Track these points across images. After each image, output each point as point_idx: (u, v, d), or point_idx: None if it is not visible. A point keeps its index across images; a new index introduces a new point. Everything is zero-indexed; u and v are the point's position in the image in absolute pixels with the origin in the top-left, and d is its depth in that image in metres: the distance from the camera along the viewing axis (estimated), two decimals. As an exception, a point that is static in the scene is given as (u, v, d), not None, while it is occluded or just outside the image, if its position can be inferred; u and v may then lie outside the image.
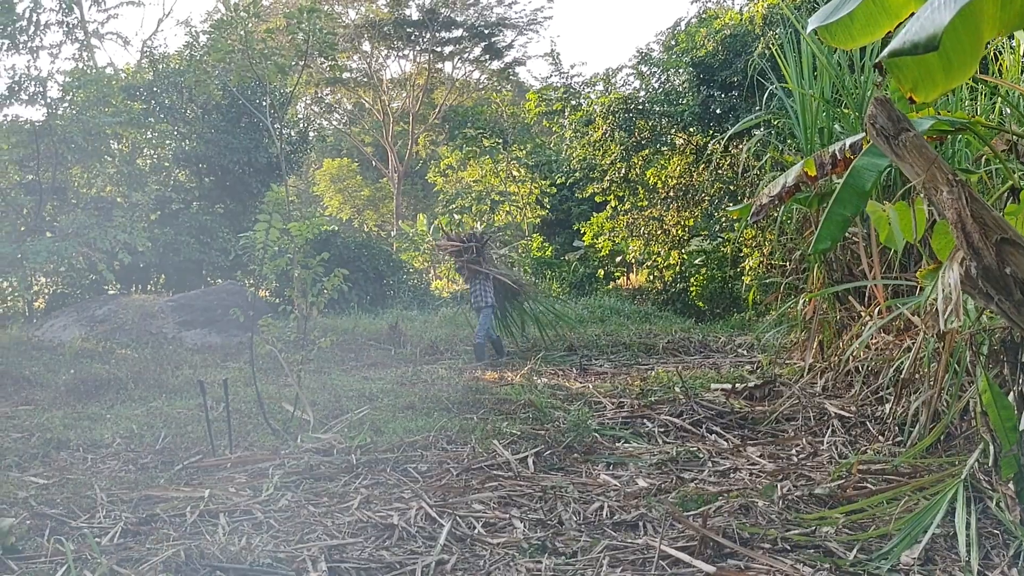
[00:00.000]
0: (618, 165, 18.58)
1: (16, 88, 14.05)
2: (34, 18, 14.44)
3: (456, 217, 26.10)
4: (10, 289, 16.95)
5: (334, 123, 36.07)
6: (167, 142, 17.98)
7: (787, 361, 9.21)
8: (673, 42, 18.80)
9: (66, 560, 4.04)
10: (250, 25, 11.51)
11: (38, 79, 14.33)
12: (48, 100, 14.43)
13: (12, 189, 15.66)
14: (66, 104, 14.92)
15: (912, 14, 3.36)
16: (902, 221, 4.61)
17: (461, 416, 7.23)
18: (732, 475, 5.48)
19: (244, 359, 11.10)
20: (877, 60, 3.47)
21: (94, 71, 16.03)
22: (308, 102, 32.94)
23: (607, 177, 18.99)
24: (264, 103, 13.66)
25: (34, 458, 6.15)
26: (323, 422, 7.09)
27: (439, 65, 34.49)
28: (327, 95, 34.52)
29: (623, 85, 19.55)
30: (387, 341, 12.47)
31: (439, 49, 33.08)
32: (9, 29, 13.80)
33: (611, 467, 5.70)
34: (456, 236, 12.08)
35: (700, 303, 18.47)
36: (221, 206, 17.74)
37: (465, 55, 33.93)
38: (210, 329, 12.63)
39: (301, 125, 19.14)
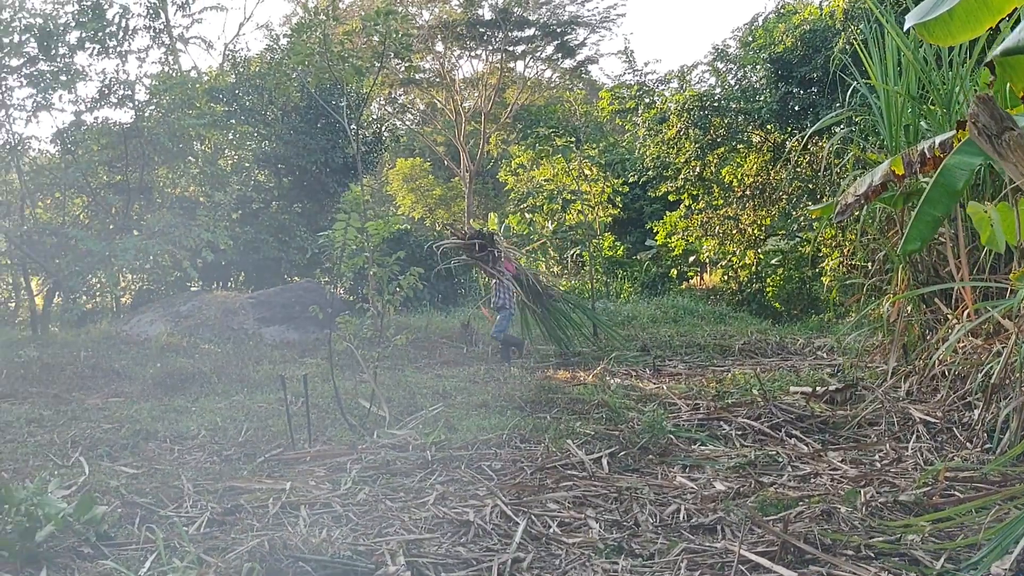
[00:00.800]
0: (692, 163, 18.35)
1: (106, 91, 14.60)
2: (123, 23, 14.97)
3: (527, 216, 26.14)
4: (99, 285, 17.65)
5: (407, 123, 36.54)
6: (247, 143, 18.44)
7: (869, 365, 8.96)
8: (750, 38, 18.48)
9: (156, 547, 4.19)
10: (328, 28, 11.74)
11: (127, 83, 14.87)
12: (136, 103, 14.94)
13: (102, 189, 16.29)
14: (152, 107, 15.43)
15: (1015, 10, 3.24)
16: (1005, 222, 4.44)
17: (534, 415, 7.24)
18: (813, 480, 5.36)
19: (321, 355, 11.33)
20: (988, 59, 3.35)
21: (179, 75, 16.54)
22: (382, 102, 33.44)
23: (681, 175, 18.77)
24: (341, 104, 13.90)
25: (124, 448, 6.39)
26: (398, 418, 7.18)
27: (511, 64, 34.56)
28: (400, 95, 34.97)
29: (698, 82, 19.31)
30: (459, 339, 12.56)
31: (511, 48, 33.15)
32: (100, 35, 14.33)
33: (687, 469, 5.64)
34: (460, 231, 11.96)
35: (776, 304, 18.10)
36: (299, 205, 18.12)
37: (537, 54, 33.91)
38: (288, 325, 12.92)
39: (376, 126, 19.43)
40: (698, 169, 18.44)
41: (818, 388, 7.72)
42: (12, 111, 15.11)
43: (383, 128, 19.47)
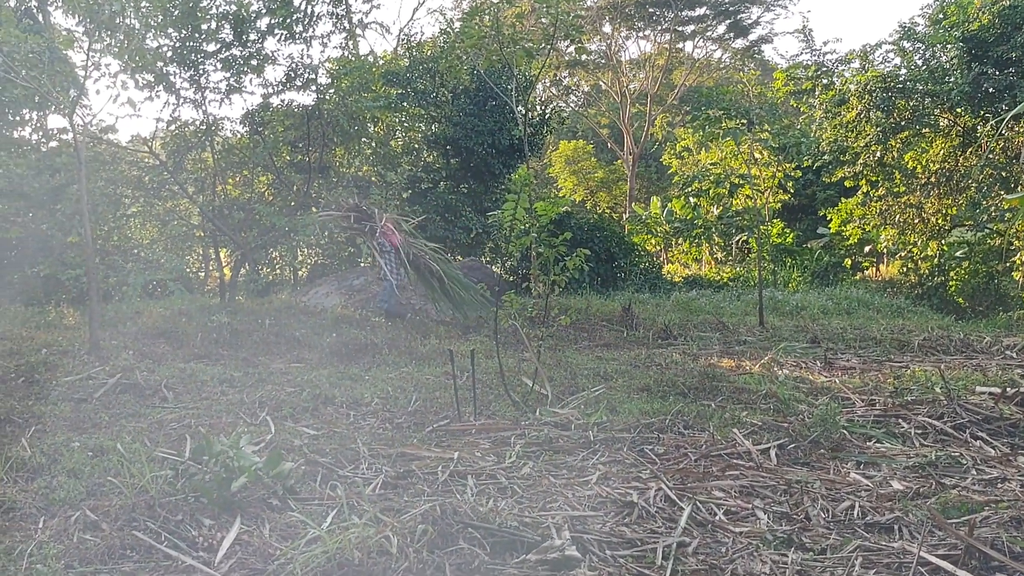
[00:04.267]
0: (873, 148, 17.36)
1: (292, 75, 15.44)
2: (309, 10, 15.78)
3: (691, 200, 25.62)
4: (279, 259, 18.81)
5: (570, 105, 36.56)
6: (417, 125, 19.05)
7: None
8: (941, 15, 17.22)
9: (337, 504, 4.45)
10: (499, 11, 11.91)
11: (310, 67, 15.68)
12: (319, 86, 15.73)
13: (285, 167, 17.30)
14: (332, 90, 16.20)
15: None
16: None
17: (698, 402, 7.13)
18: (1000, 485, 5.00)
19: (483, 332, 11.60)
20: None
21: (357, 59, 17.29)
22: (547, 84, 33.59)
23: (860, 160, 17.82)
24: (510, 87, 14.09)
25: (305, 411, 6.80)
26: (559, 397, 7.27)
27: (680, 45, 33.87)
28: (564, 77, 35.00)
29: (881, 63, 18.16)
30: (619, 323, 12.51)
31: (681, 28, 32.47)
32: (288, 21, 15.17)
33: (862, 466, 5.39)
34: (341, 204, 13.00)
35: (960, 299, 16.91)
36: (465, 186, 18.56)
37: (708, 34, 33.07)
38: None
39: (542, 108, 19.58)
40: (879, 154, 17.44)
41: (1008, 389, 7.17)
42: (207, 93, 16.33)
43: (549, 110, 19.56)
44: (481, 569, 3.68)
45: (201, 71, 15.69)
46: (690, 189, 25.07)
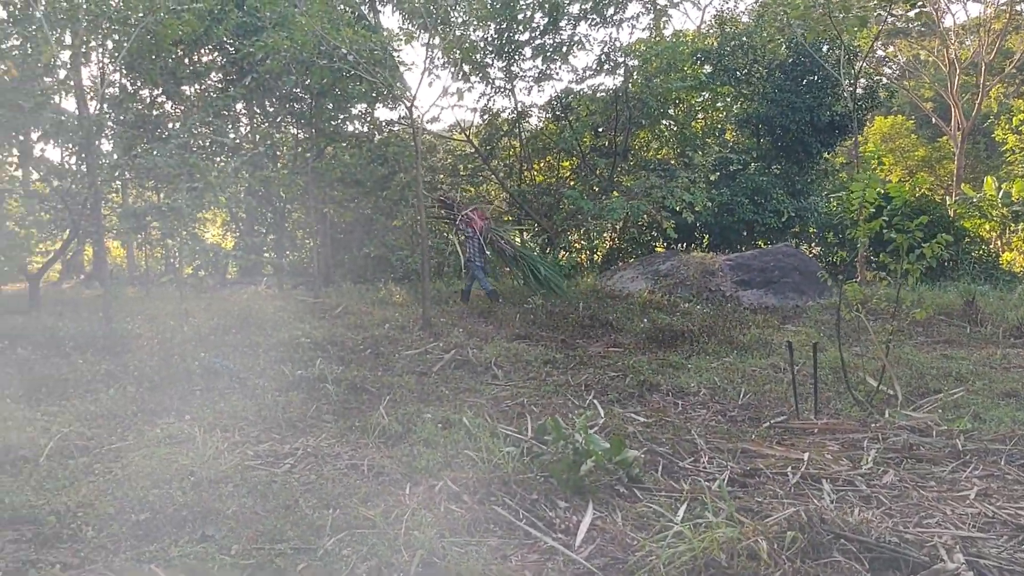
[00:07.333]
0: None
1: (603, 59, 15.54)
2: (621, -8, 15.80)
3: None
4: (577, 242, 19.11)
5: (885, 78, 33.54)
6: (726, 103, 18.39)
7: None
8: None
9: (684, 497, 4.29)
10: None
11: (619, 50, 15.70)
12: (627, 69, 15.70)
13: (589, 152, 17.54)
14: (638, 72, 16.11)
15: None
16: None
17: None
18: None
19: (802, 322, 10.93)
20: None
21: (663, 40, 17.01)
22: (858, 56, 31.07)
23: None
24: (836, 58, 13.09)
25: (631, 397, 6.74)
26: (909, 399, 6.57)
27: (1019, 7, 29.74)
28: (879, 48, 32.15)
29: None
30: (960, 317, 11.19)
31: (1024, -14, 28.51)
32: (599, 5, 15.28)
33: None
34: (435, 199, 14.53)
35: None
36: (777, 167, 17.64)
37: (1058, -10, 28.72)
38: (766, 290, 12.68)
39: (868, 80, 18.03)
40: None
41: None
42: (517, 82, 16.94)
43: (877, 83, 17.96)
44: (861, 588, 3.33)
45: (514, 59, 16.32)
46: (1032, 166, 21.97)
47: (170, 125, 13.48)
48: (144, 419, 5.74)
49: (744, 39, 16.92)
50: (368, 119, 17.48)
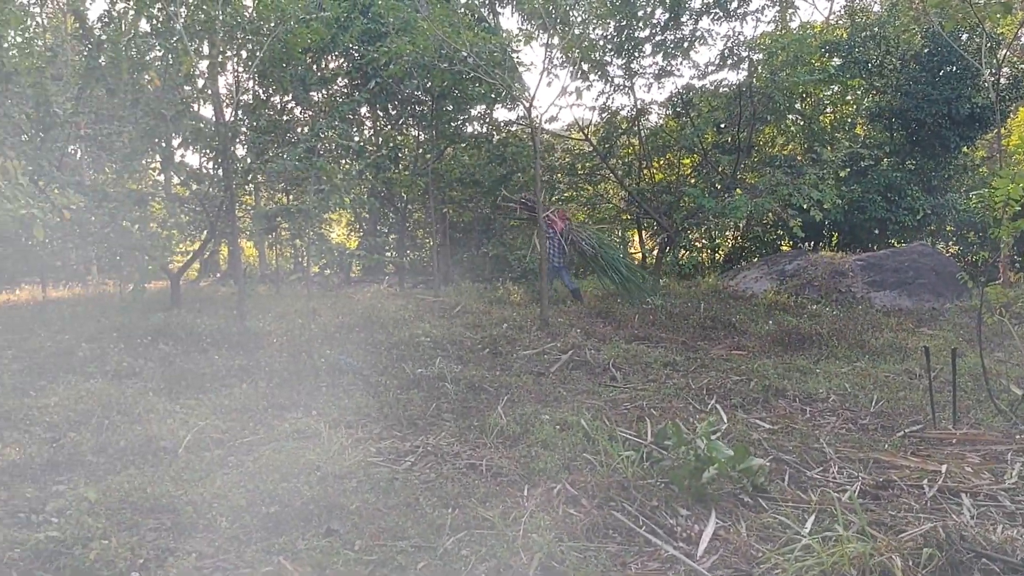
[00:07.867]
0: None
1: (726, 53, 15.16)
2: (744, -16, 15.34)
3: None
4: (699, 241, 18.69)
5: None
6: (856, 96, 17.61)
7: None
8: None
9: (812, 508, 4.12)
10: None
11: (743, 44, 15.25)
12: (751, 63, 15.24)
13: (711, 149, 17.11)
14: (763, 67, 15.60)
15: None
16: None
17: None
18: None
19: (939, 326, 10.36)
20: None
21: (789, 32, 16.42)
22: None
23: None
24: (977, 46, 12.31)
25: (755, 402, 6.53)
26: (1062, 410, 6.10)
27: None
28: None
29: None
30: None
31: None
32: (723, -1, 14.90)
33: None
34: (515, 199, 14.55)
35: None
36: (912, 162, 16.76)
37: None
38: (900, 291, 12.07)
39: (1011, 69, 16.90)
40: None
41: None
42: (636, 79, 16.71)
43: (1022, 72, 16.80)
44: (1009, 614, 3.11)
45: (634, 57, 16.10)
46: None
47: (299, 130, 13.98)
48: (274, 414, 5.97)
49: (876, 29, 16.14)
50: (487, 120, 17.65)
